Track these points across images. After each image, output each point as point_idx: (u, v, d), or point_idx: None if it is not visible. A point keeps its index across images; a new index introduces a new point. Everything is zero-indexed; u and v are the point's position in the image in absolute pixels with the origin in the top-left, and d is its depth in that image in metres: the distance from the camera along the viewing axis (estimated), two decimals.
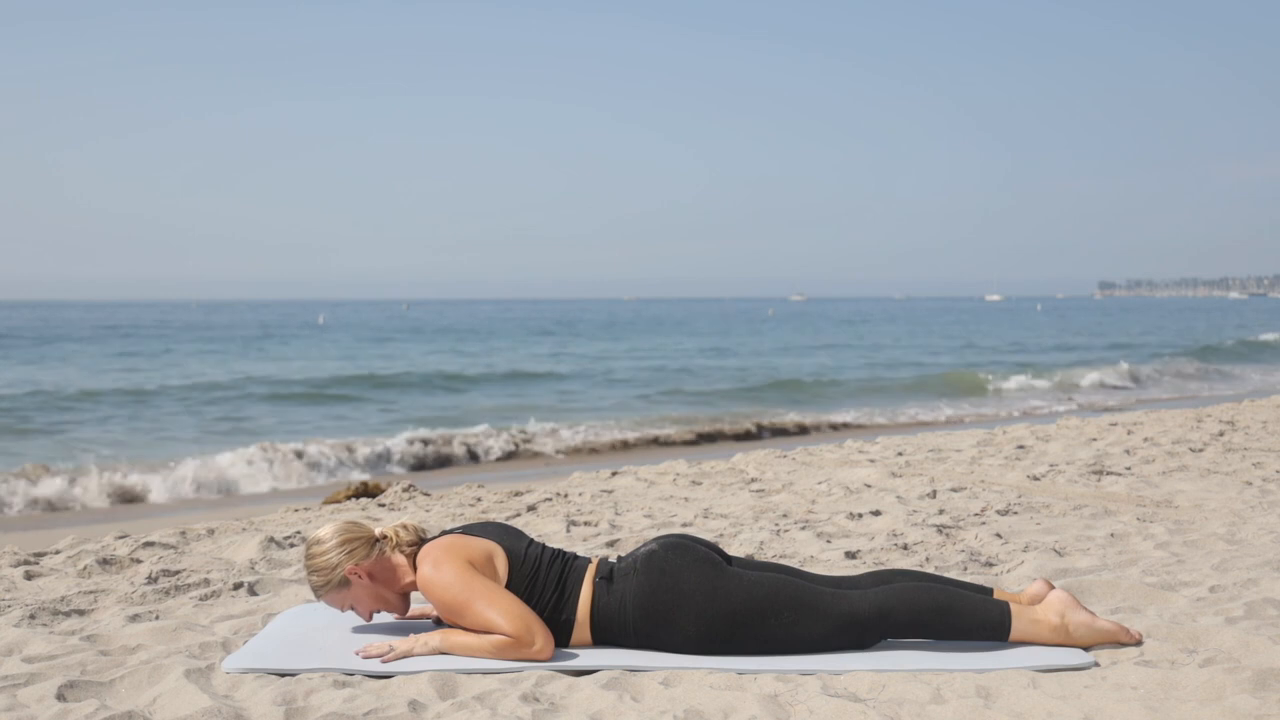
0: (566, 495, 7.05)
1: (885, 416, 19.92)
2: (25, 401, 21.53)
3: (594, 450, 15.99)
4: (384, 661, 3.45)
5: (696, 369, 32.41)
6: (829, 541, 5.38)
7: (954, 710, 3.06)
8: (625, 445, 16.48)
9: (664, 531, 5.73)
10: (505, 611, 3.44)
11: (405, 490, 7.55)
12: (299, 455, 14.11)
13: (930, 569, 4.76)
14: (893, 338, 52.52)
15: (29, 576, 4.85)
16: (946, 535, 5.40)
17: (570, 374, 30.32)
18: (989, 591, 3.72)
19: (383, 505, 7.11)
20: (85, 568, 4.95)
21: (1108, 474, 7.30)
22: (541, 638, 3.45)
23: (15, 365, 32.59)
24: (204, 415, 20.37)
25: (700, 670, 3.38)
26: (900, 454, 8.72)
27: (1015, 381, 26.31)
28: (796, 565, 4.83)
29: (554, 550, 3.69)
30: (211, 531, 6.01)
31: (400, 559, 3.68)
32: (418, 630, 3.77)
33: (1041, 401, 22.74)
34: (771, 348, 44.39)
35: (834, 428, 18.33)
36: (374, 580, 3.64)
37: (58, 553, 5.39)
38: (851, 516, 5.96)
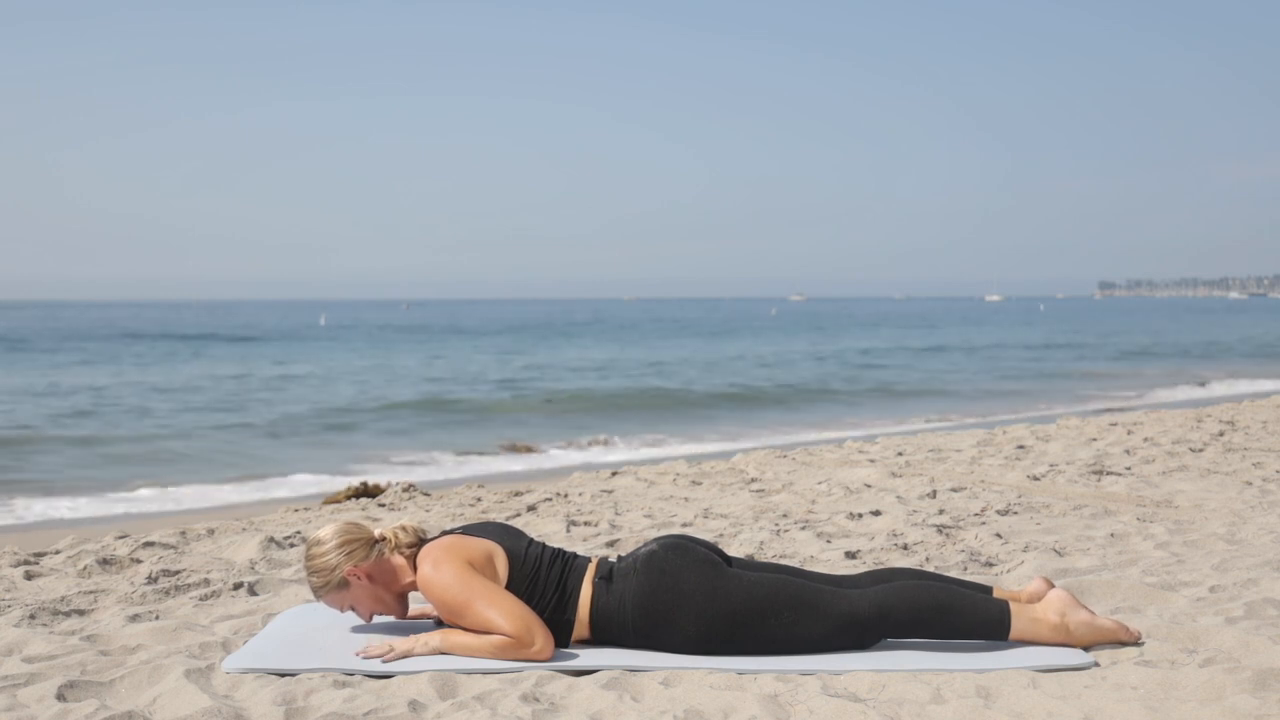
0: (566, 495, 7.05)
1: None
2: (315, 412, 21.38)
3: None
4: (384, 661, 3.45)
5: (979, 364, 34.27)
6: (829, 541, 5.38)
7: (954, 710, 3.06)
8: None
9: (664, 531, 5.73)
10: (505, 612, 3.44)
11: (405, 490, 7.56)
12: None
13: (930, 569, 4.76)
14: (1018, 339, 52.39)
15: (29, 576, 4.85)
16: (946, 535, 5.40)
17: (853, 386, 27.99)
18: (989, 590, 3.72)
19: (383, 505, 7.11)
20: (85, 568, 4.95)
21: (1108, 474, 7.30)
22: (541, 638, 3.45)
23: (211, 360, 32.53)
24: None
25: (700, 670, 3.38)
26: (900, 454, 8.72)
27: None
28: (796, 565, 4.83)
29: (554, 550, 3.69)
30: (211, 531, 6.01)
31: (400, 560, 3.67)
32: (418, 630, 3.77)
33: None
34: (958, 346, 45.59)
35: None
36: (373, 581, 3.64)
37: (58, 553, 5.39)
38: (851, 516, 5.95)
